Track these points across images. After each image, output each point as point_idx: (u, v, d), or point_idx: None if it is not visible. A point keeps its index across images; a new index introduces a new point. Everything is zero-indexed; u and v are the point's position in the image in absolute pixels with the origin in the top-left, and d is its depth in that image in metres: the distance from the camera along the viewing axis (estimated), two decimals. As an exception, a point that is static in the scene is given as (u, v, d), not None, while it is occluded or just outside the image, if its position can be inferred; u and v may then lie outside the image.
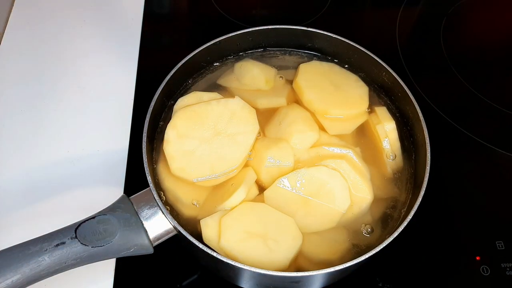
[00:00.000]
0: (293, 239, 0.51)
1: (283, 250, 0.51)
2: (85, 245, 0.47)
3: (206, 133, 0.56)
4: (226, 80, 0.65)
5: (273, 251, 0.50)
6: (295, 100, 0.63)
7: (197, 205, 0.55)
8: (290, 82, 0.65)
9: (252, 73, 0.64)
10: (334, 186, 0.54)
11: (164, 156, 0.56)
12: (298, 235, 0.52)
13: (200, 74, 0.66)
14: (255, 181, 0.56)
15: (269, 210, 0.53)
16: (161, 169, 0.57)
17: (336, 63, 0.67)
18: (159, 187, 0.56)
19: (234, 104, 0.57)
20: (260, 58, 0.68)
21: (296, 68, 0.66)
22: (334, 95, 0.61)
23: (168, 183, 0.56)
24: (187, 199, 0.55)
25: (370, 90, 0.64)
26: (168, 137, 0.55)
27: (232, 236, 0.50)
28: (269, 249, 0.50)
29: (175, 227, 0.50)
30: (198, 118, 0.56)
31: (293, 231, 0.52)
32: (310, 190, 0.54)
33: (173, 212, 0.55)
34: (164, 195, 0.56)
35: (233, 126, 0.56)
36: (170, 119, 0.58)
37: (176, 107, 0.59)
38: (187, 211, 0.55)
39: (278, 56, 0.69)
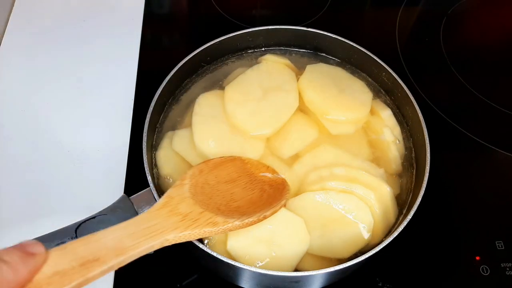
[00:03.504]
0: (299, 244, 0.51)
1: (288, 256, 0.51)
2: (85, 245, 0.47)
3: (256, 94, 0.61)
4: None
5: (278, 258, 0.50)
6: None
7: None
8: None
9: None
10: (358, 219, 0.53)
11: (166, 143, 0.58)
12: (306, 238, 0.51)
13: (200, 74, 0.67)
14: None
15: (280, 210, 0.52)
16: (161, 155, 0.58)
17: (336, 63, 0.68)
18: (157, 175, 0.57)
19: (266, 65, 0.64)
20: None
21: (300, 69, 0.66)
22: (336, 98, 0.61)
23: (168, 169, 0.57)
24: None
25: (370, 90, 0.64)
26: (230, 110, 0.59)
27: (238, 242, 0.50)
28: (274, 256, 0.50)
29: (175, 227, 0.50)
30: (245, 85, 0.62)
31: (301, 233, 0.52)
32: (333, 214, 0.53)
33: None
34: (158, 182, 0.56)
35: (274, 80, 0.62)
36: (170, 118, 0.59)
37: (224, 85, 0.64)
38: None
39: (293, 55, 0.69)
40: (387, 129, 0.60)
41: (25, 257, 0.28)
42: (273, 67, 0.64)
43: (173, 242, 0.40)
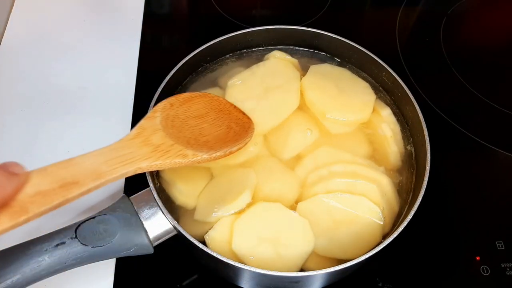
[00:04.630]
0: (304, 244, 0.51)
1: (294, 256, 0.51)
2: (85, 245, 0.47)
3: (258, 91, 0.61)
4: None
5: (283, 258, 0.50)
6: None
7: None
8: None
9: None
10: (369, 220, 0.54)
11: None
12: (310, 239, 0.51)
13: (200, 73, 0.67)
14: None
15: (284, 211, 0.53)
16: None
17: (337, 63, 0.68)
18: (156, 175, 0.57)
19: (272, 63, 0.64)
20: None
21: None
22: (336, 99, 0.61)
23: (167, 169, 0.56)
24: (184, 186, 0.55)
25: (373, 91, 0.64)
26: None
27: (243, 243, 0.50)
28: (279, 256, 0.50)
29: (175, 227, 0.50)
30: (247, 83, 0.62)
31: (306, 234, 0.52)
32: (344, 216, 0.54)
33: (167, 202, 0.55)
34: (158, 181, 0.56)
35: (277, 79, 0.62)
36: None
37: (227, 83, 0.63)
38: (181, 197, 0.55)
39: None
40: (385, 124, 0.60)
41: (9, 176, 0.29)
42: (278, 65, 0.64)
43: (146, 170, 0.42)
